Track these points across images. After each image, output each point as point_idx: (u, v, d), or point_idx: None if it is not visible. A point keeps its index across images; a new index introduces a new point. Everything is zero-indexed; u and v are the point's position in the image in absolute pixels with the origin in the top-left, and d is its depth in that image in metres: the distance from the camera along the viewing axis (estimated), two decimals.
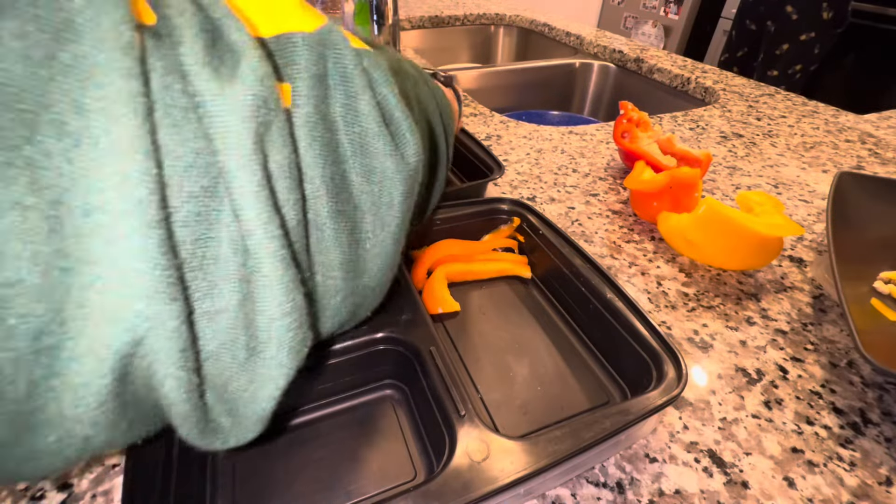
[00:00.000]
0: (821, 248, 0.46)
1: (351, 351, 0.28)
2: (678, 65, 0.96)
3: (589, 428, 0.23)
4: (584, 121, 0.84)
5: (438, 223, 0.39)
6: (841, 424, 0.30)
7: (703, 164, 0.51)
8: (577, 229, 0.47)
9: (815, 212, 0.52)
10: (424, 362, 0.27)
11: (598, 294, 0.32)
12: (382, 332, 0.29)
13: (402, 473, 0.26)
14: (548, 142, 0.65)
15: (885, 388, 0.32)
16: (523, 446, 0.23)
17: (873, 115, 0.77)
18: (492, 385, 0.31)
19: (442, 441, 0.24)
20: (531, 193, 0.53)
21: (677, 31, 2.36)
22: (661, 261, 0.43)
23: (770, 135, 0.69)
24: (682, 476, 0.27)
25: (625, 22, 2.64)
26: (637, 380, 0.29)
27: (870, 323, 0.35)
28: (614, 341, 0.31)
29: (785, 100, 0.82)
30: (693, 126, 0.71)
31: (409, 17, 1.26)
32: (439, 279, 0.36)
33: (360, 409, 0.30)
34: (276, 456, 0.27)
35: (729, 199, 0.53)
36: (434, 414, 0.26)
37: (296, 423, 0.29)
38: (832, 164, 0.62)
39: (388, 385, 0.31)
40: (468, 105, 0.76)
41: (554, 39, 1.24)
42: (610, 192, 0.54)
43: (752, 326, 0.37)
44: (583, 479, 0.27)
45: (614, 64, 1.06)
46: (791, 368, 0.33)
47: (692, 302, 0.39)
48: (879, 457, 0.28)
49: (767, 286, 0.41)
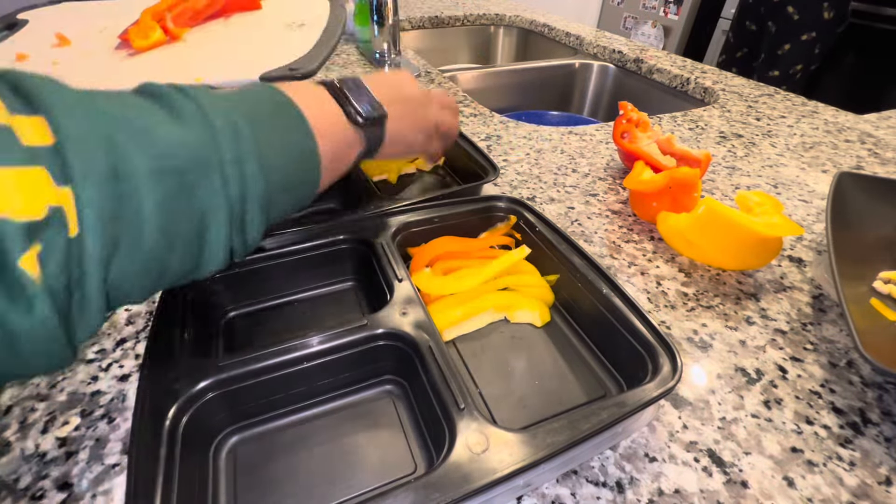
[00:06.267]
0: (820, 248, 0.46)
1: (351, 347, 0.28)
2: (678, 65, 0.96)
3: (586, 420, 0.23)
4: (584, 121, 0.84)
5: (437, 221, 0.39)
6: (840, 424, 0.30)
7: (702, 165, 0.51)
8: (577, 229, 0.47)
9: (815, 212, 0.52)
10: (424, 358, 0.27)
11: (595, 290, 0.32)
12: (382, 329, 0.29)
13: (402, 467, 0.27)
14: (547, 142, 0.65)
15: (885, 387, 0.32)
16: (522, 438, 0.23)
17: (873, 115, 0.77)
18: (490, 380, 0.32)
19: (442, 434, 0.24)
20: (531, 193, 0.53)
21: (677, 31, 2.37)
22: (660, 261, 0.43)
23: (769, 135, 0.69)
24: (682, 475, 0.27)
25: (624, 22, 2.64)
26: (633, 373, 0.29)
27: (869, 323, 0.35)
28: (611, 336, 0.31)
29: (784, 100, 0.82)
30: (692, 126, 0.71)
31: (409, 18, 1.26)
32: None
33: (360, 404, 0.30)
34: (278, 451, 0.27)
35: (728, 199, 0.53)
36: (434, 408, 0.26)
37: (297, 419, 0.29)
38: (832, 164, 0.62)
39: (388, 380, 0.31)
40: (468, 105, 0.76)
41: (554, 40, 1.24)
42: (609, 192, 0.54)
43: (751, 326, 0.37)
44: (582, 479, 0.27)
45: (614, 64, 1.06)
46: (790, 368, 0.33)
47: (691, 302, 0.39)
48: (879, 456, 0.28)
49: (767, 286, 0.41)
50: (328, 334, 0.28)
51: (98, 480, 0.26)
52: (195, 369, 0.26)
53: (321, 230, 0.36)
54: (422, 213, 0.39)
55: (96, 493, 0.25)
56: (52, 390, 0.30)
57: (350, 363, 0.29)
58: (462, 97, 0.79)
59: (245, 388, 0.27)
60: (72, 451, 0.27)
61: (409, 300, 0.31)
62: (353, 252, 0.37)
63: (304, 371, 0.28)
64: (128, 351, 0.33)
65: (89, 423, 0.28)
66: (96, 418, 0.29)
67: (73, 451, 0.27)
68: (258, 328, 0.35)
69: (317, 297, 0.38)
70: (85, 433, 0.28)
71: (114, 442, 0.27)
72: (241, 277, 0.35)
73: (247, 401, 0.27)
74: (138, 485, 0.20)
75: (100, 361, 0.32)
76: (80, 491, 0.25)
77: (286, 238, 0.35)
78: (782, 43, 1.53)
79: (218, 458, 0.26)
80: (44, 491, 0.25)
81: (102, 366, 0.32)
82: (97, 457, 0.27)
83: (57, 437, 0.28)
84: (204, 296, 0.33)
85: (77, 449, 0.27)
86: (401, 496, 0.20)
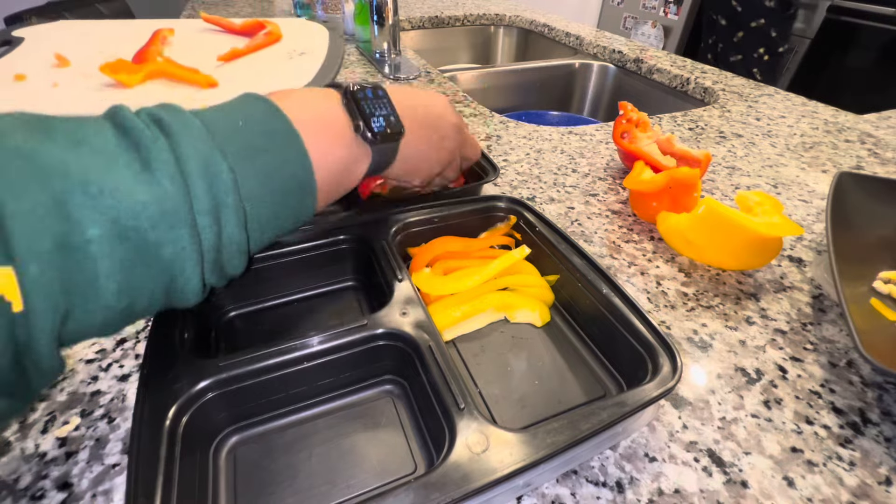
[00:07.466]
0: (820, 248, 0.46)
1: (351, 347, 0.28)
2: (677, 65, 0.96)
3: (586, 419, 0.23)
4: (584, 121, 0.84)
5: (436, 221, 0.39)
6: (840, 424, 0.30)
7: (702, 165, 0.51)
8: (577, 229, 0.47)
9: (815, 212, 0.52)
10: (424, 357, 0.27)
11: (595, 290, 0.32)
12: (382, 329, 0.29)
13: (402, 467, 0.27)
14: (547, 142, 0.65)
15: (885, 387, 0.32)
16: (522, 438, 0.23)
17: (873, 115, 0.77)
18: (490, 380, 0.32)
19: (441, 434, 0.24)
20: (531, 193, 0.53)
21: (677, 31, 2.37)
22: (660, 261, 0.43)
23: (769, 135, 0.69)
24: (682, 475, 0.27)
25: (624, 22, 2.64)
26: (633, 373, 0.29)
27: (869, 323, 0.35)
28: (610, 336, 0.31)
29: (784, 100, 0.82)
30: (692, 126, 0.71)
31: (409, 18, 1.26)
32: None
33: (360, 404, 0.30)
34: (278, 451, 0.27)
35: (728, 199, 0.53)
36: (433, 408, 0.26)
37: (297, 419, 0.29)
38: (832, 164, 0.62)
39: (388, 380, 0.31)
40: (468, 105, 0.76)
41: (554, 40, 1.24)
42: (609, 192, 0.54)
43: (751, 326, 0.37)
44: (582, 479, 0.27)
45: (614, 64, 1.06)
46: (790, 368, 0.33)
47: (691, 302, 0.39)
48: (879, 456, 0.28)
49: (767, 286, 0.41)
50: (328, 334, 0.28)
51: (98, 480, 0.26)
52: (195, 369, 0.26)
53: (321, 230, 0.36)
54: (422, 213, 0.39)
55: (96, 493, 0.25)
56: (52, 390, 0.30)
57: (350, 363, 0.29)
58: (462, 97, 0.79)
59: (245, 388, 0.27)
60: (72, 451, 0.27)
61: (409, 300, 0.31)
62: (353, 252, 0.37)
63: (304, 371, 0.28)
64: (128, 351, 0.33)
65: (89, 423, 0.28)
66: (96, 418, 0.29)
67: (73, 451, 0.27)
68: (258, 328, 0.35)
69: (317, 297, 0.38)
70: (85, 433, 0.28)
71: (114, 442, 0.27)
72: (241, 277, 0.35)
73: (247, 401, 0.27)
74: (138, 485, 0.20)
75: (100, 361, 0.32)
76: (80, 491, 0.25)
77: (286, 238, 0.35)
78: (735, 31, 1.72)
79: (218, 458, 0.26)
80: (44, 491, 0.25)
81: (102, 366, 0.32)
82: (97, 457, 0.27)
83: (57, 437, 0.28)
84: None
85: (77, 449, 0.27)
86: (401, 496, 0.20)
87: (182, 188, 0.20)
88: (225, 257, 0.23)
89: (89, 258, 0.18)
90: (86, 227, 0.18)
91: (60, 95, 0.43)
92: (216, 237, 0.22)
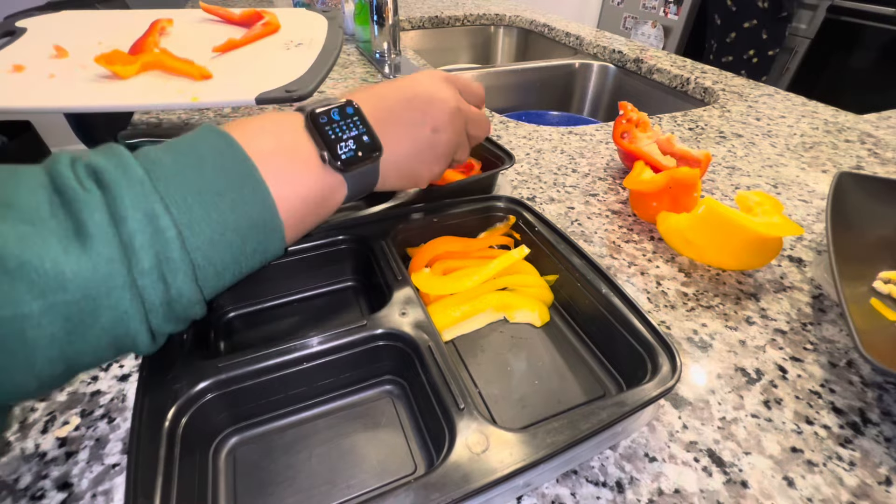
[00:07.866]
0: (820, 248, 0.46)
1: (351, 347, 0.28)
2: (678, 65, 0.96)
3: (586, 419, 0.23)
4: (584, 121, 0.84)
5: (436, 221, 0.39)
6: (840, 424, 0.30)
7: (702, 165, 0.51)
8: (577, 229, 0.47)
9: (815, 212, 0.52)
10: (423, 358, 0.27)
11: (594, 289, 0.32)
12: (382, 329, 0.29)
13: (402, 467, 0.27)
14: (547, 142, 0.65)
15: (885, 387, 0.32)
16: (522, 438, 0.23)
17: (873, 115, 0.77)
18: (490, 380, 0.32)
19: (441, 435, 0.24)
20: (531, 193, 0.53)
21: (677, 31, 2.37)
22: (660, 261, 0.43)
23: (769, 135, 0.69)
24: (682, 475, 0.27)
25: (624, 22, 2.64)
26: (632, 373, 0.29)
27: (869, 323, 0.35)
28: (610, 336, 0.31)
29: (784, 100, 0.82)
30: (692, 126, 0.71)
31: (409, 18, 1.26)
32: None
33: (360, 404, 0.30)
34: (278, 451, 0.27)
35: (728, 199, 0.53)
36: (433, 408, 0.26)
37: (297, 419, 0.29)
38: (832, 164, 0.62)
39: (387, 380, 0.31)
40: None
41: (554, 40, 1.24)
42: (609, 192, 0.54)
43: (751, 326, 0.37)
44: (582, 479, 0.27)
45: (614, 64, 1.06)
46: (790, 368, 0.33)
47: (691, 302, 0.39)
48: (879, 456, 0.28)
49: (767, 286, 0.41)
50: (328, 334, 0.28)
51: (98, 480, 0.26)
52: (195, 370, 0.26)
53: (321, 230, 0.36)
54: (421, 213, 0.39)
55: (96, 493, 0.25)
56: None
57: (350, 363, 0.29)
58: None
59: (245, 388, 0.27)
60: (72, 451, 0.27)
61: (409, 300, 0.31)
62: (353, 252, 0.37)
63: (304, 371, 0.28)
64: None
65: (89, 423, 0.28)
66: (96, 418, 0.29)
67: (73, 451, 0.27)
68: (258, 328, 0.35)
69: (317, 297, 0.38)
70: (85, 433, 0.28)
71: (114, 442, 0.27)
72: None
73: (246, 401, 0.27)
74: (138, 485, 0.20)
75: None
76: (80, 491, 0.25)
77: None
78: (728, 32, 1.77)
79: (218, 458, 0.26)
80: (44, 491, 0.25)
81: (102, 366, 0.32)
82: (97, 457, 0.27)
83: (57, 437, 0.28)
84: None
85: (77, 449, 0.27)
86: (401, 496, 0.20)
87: (118, 250, 0.19)
88: (178, 309, 0.22)
89: (18, 333, 0.17)
90: (10, 302, 0.17)
91: (56, 87, 0.43)
92: (163, 294, 0.21)
